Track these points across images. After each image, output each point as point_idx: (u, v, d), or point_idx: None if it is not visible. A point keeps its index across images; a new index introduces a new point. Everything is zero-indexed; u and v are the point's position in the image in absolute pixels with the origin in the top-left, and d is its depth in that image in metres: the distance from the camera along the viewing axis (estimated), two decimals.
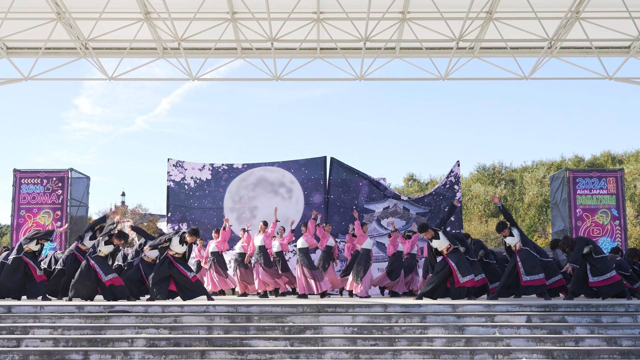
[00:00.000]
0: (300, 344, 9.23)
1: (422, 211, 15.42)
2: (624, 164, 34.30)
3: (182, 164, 16.05)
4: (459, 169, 15.85)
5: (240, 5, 14.11)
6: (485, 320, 9.95)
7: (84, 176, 17.21)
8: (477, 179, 37.52)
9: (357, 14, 14.16)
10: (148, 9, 14.21)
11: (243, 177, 15.99)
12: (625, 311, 10.28)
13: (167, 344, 9.22)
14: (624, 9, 13.80)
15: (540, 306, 10.41)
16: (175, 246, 11.98)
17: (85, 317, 10.00)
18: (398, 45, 15.54)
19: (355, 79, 15.70)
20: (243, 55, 15.86)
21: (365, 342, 9.29)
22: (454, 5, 14.03)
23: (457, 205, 13.58)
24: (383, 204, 15.62)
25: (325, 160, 15.89)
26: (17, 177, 16.40)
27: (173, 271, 11.89)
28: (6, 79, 15.89)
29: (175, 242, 11.98)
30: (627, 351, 8.97)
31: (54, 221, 16.07)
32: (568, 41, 15.20)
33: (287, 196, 15.83)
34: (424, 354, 8.98)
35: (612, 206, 16.27)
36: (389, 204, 15.62)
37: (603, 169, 24.13)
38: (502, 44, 15.20)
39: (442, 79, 15.60)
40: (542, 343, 9.27)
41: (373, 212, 15.54)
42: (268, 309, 10.23)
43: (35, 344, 9.27)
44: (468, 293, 11.50)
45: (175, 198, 15.87)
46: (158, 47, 15.48)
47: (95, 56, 15.50)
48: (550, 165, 36.16)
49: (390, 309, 10.28)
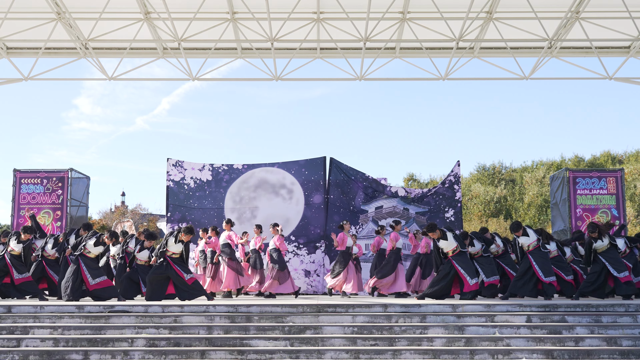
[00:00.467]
0: (300, 344, 9.23)
1: (421, 210, 15.42)
2: (624, 164, 34.30)
3: (182, 163, 16.05)
4: (459, 168, 15.86)
5: (240, 5, 14.11)
6: (485, 320, 9.95)
7: (84, 176, 17.21)
8: (477, 179, 37.52)
9: (357, 14, 14.16)
10: (148, 9, 14.21)
11: (244, 179, 15.99)
12: (625, 311, 10.29)
13: (167, 344, 9.22)
14: (624, 9, 13.80)
15: (540, 306, 10.42)
16: (172, 246, 11.96)
17: (85, 317, 10.00)
18: (398, 45, 15.54)
19: (355, 79, 15.70)
20: (243, 55, 15.86)
21: (365, 342, 9.29)
22: (454, 5, 14.03)
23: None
24: (375, 203, 15.62)
25: (324, 160, 15.90)
26: (17, 177, 16.40)
27: (170, 272, 11.87)
28: (6, 79, 15.89)
29: (171, 242, 11.97)
30: (627, 351, 8.97)
31: (54, 221, 16.07)
32: (568, 41, 15.20)
33: (288, 197, 15.84)
34: (424, 354, 8.98)
35: (612, 206, 16.27)
36: (382, 204, 15.61)
37: (603, 169, 24.13)
38: (502, 44, 15.20)
39: (442, 79, 15.60)
40: (542, 343, 9.28)
41: (366, 212, 15.56)
42: (268, 309, 10.23)
43: (35, 344, 9.27)
44: (475, 294, 11.59)
45: (175, 198, 15.87)
46: (158, 47, 15.49)
47: (95, 56, 15.50)
48: (550, 165, 36.15)
49: (390, 309, 10.28)
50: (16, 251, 12.43)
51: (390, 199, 15.66)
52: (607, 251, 11.98)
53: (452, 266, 11.70)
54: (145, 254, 12.55)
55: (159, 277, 11.84)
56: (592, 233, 12.02)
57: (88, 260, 11.85)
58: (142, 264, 12.55)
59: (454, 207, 15.49)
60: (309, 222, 15.59)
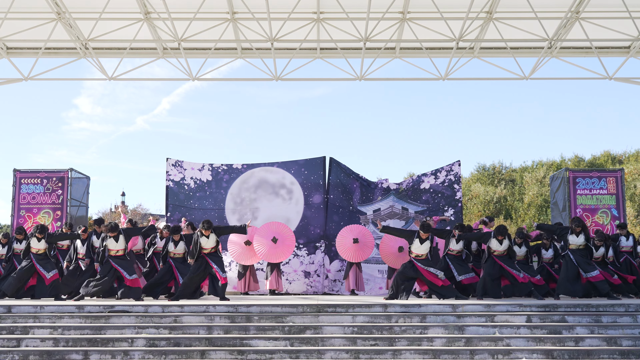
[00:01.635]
0: (300, 344, 9.24)
1: (420, 209, 15.39)
2: (624, 164, 34.25)
3: (182, 163, 16.04)
4: (459, 168, 15.83)
5: (240, 5, 14.11)
6: (485, 320, 9.96)
7: (84, 176, 17.19)
8: (477, 179, 37.47)
9: (357, 14, 14.16)
10: (148, 9, 14.22)
11: (244, 179, 15.97)
12: (625, 311, 10.29)
13: (167, 344, 9.22)
14: (624, 9, 13.80)
15: (540, 306, 10.42)
16: (205, 244, 12.29)
17: (85, 317, 10.00)
18: (398, 45, 15.54)
19: (355, 79, 15.70)
20: (243, 55, 15.86)
21: (365, 342, 9.29)
22: (454, 5, 14.03)
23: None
24: (372, 206, 15.62)
25: (324, 160, 15.88)
26: (17, 177, 16.38)
27: (210, 271, 12.24)
28: (6, 79, 15.89)
29: (204, 241, 12.31)
30: (627, 351, 8.97)
31: (54, 221, 16.05)
32: (568, 41, 15.20)
33: (288, 197, 15.82)
34: (424, 354, 8.98)
35: (612, 206, 16.26)
36: (379, 206, 15.59)
37: (603, 169, 24.13)
38: (502, 44, 15.20)
39: (442, 79, 15.60)
40: (542, 343, 9.28)
41: (366, 214, 15.55)
42: (268, 309, 10.23)
43: (35, 344, 9.27)
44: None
45: (175, 198, 15.85)
46: (158, 47, 15.48)
47: (95, 56, 15.50)
48: (550, 165, 36.10)
49: (390, 309, 10.28)
50: (41, 249, 12.55)
51: (386, 199, 15.62)
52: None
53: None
54: (182, 247, 12.72)
55: (195, 278, 12.16)
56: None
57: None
58: (178, 257, 12.73)
59: (454, 206, 15.46)
60: (309, 223, 15.57)
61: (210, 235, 12.18)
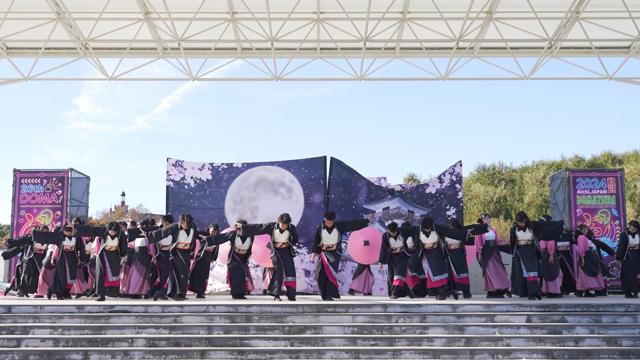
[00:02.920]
0: (300, 344, 9.24)
1: (425, 212, 15.42)
2: (624, 164, 34.26)
3: (182, 163, 16.04)
4: (461, 168, 15.84)
5: (240, 5, 14.11)
6: (485, 320, 9.96)
7: (84, 176, 17.20)
8: (477, 179, 37.49)
9: (357, 14, 14.15)
10: (148, 9, 14.21)
11: (244, 178, 15.96)
12: (625, 311, 10.30)
13: (167, 344, 9.22)
14: (624, 9, 13.79)
15: (540, 306, 10.42)
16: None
17: (85, 317, 10.00)
18: (398, 45, 15.54)
19: (355, 79, 15.69)
20: (243, 55, 15.86)
21: (365, 342, 9.29)
22: (454, 5, 14.03)
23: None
24: (382, 204, 15.61)
25: (325, 159, 15.87)
26: (17, 177, 16.39)
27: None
28: (6, 79, 15.89)
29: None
30: (627, 351, 8.97)
31: (54, 221, 16.06)
32: (568, 41, 15.20)
33: (287, 196, 15.81)
34: (424, 354, 8.99)
35: (612, 206, 16.27)
36: (388, 205, 15.61)
37: (603, 169, 24.13)
38: (502, 44, 15.20)
39: (442, 79, 15.59)
40: (542, 343, 9.28)
41: (374, 212, 15.52)
42: (268, 309, 10.24)
43: (35, 344, 9.28)
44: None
45: (175, 198, 15.85)
46: (158, 47, 15.48)
47: (95, 56, 15.50)
48: (550, 165, 36.13)
49: (390, 309, 10.29)
50: (113, 246, 12.77)
51: (393, 199, 15.65)
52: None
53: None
54: (248, 243, 13.34)
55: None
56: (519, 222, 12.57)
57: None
58: (243, 253, 13.33)
59: (456, 205, 15.49)
60: (309, 222, 15.55)
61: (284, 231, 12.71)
